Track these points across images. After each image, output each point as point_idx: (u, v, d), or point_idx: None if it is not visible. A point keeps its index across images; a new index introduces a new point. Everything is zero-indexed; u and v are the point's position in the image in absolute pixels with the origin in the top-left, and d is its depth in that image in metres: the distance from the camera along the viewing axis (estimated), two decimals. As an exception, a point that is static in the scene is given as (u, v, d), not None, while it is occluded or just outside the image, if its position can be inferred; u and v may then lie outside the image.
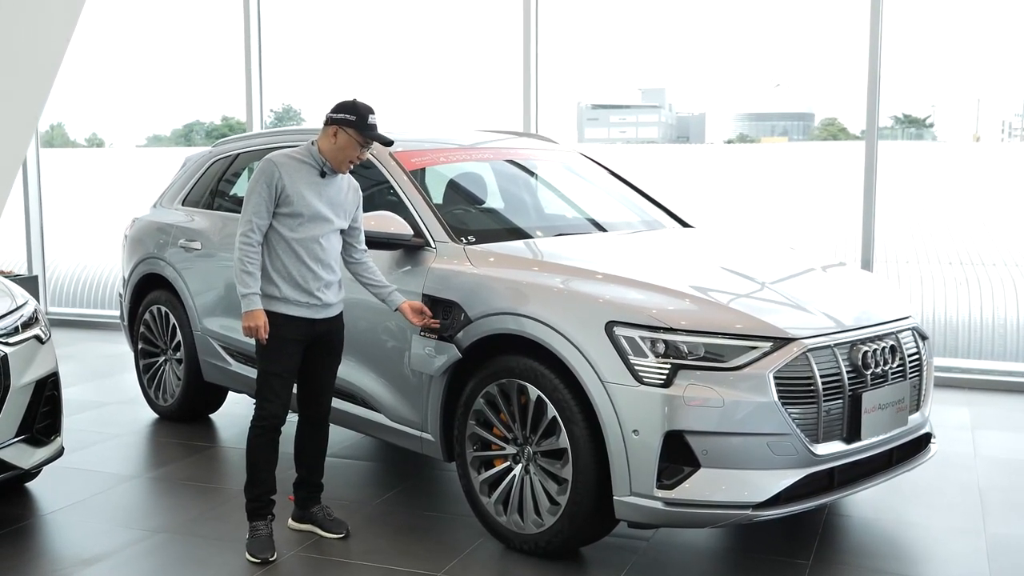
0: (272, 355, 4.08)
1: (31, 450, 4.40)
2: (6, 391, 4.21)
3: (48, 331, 4.64)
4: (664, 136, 13.25)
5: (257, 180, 4.04)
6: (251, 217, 4.02)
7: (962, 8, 9.25)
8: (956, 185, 11.94)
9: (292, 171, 4.04)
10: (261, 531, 4.16)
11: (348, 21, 10.83)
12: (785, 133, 12.88)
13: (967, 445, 5.60)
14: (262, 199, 4.01)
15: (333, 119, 4.07)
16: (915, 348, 4.25)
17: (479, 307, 4.16)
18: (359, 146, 4.06)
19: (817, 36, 9.88)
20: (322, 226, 4.08)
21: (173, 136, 12.52)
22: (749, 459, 3.68)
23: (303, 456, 4.38)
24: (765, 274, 4.38)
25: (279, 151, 4.15)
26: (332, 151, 4.08)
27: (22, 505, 4.74)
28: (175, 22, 11.36)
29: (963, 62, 9.73)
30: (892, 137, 10.75)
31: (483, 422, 4.18)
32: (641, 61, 11.21)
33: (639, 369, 3.69)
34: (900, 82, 9.69)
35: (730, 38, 10.77)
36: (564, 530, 3.91)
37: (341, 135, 4.05)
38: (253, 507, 4.19)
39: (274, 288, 4.06)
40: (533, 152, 5.76)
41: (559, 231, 5.02)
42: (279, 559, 4.08)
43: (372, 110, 4.08)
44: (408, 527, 4.43)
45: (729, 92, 11.99)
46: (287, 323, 4.07)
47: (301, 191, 4.02)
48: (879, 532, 4.39)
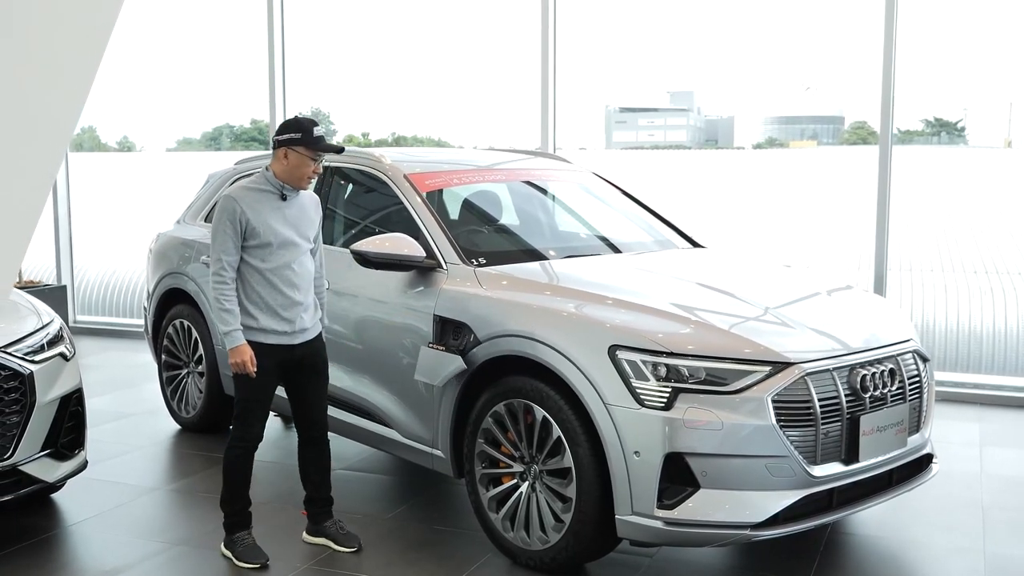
0: (253, 384, 4.19)
1: (56, 464, 4.56)
2: (32, 407, 4.38)
3: (73, 348, 4.80)
4: (692, 139, 13.25)
5: (220, 218, 4.11)
6: (220, 256, 4.10)
7: (995, 10, 9.20)
8: (986, 191, 11.87)
9: (253, 202, 4.13)
10: (247, 540, 4.32)
11: (372, 24, 10.96)
12: (815, 137, 12.84)
13: (974, 463, 5.66)
14: (228, 236, 4.10)
15: (280, 141, 4.16)
16: (916, 370, 4.33)
17: (487, 329, 4.28)
18: (311, 160, 4.15)
19: (847, 38, 9.82)
20: (292, 251, 4.19)
21: (203, 139, 12.67)
22: (748, 480, 3.77)
23: (309, 474, 4.52)
24: (769, 298, 4.47)
25: (237, 184, 4.26)
26: (287, 172, 4.16)
27: (47, 516, 4.90)
28: (204, 25, 11.50)
29: (995, 65, 9.64)
30: (924, 142, 10.70)
31: (491, 440, 4.30)
32: (669, 63, 11.22)
33: (641, 392, 3.80)
34: (931, 85, 9.68)
35: (759, 40, 10.74)
36: (569, 547, 4.02)
37: (292, 155, 4.14)
38: (234, 520, 4.34)
39: (252, 319, 4.16)
40: (547, 172, 5.88)
41: (570, 252, 5.12)
42: (295, 572, 4.21)
43: (315, 123, 4.18)
44: (419, 541, 4.55)
45: (758, 95, 11.97)
46: (268, 352, 4.19)
47: (266, 220, 4.12)
48: (879, 550, 4.47)
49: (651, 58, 11.01)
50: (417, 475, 5.45)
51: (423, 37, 10.95)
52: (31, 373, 4.39)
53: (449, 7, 10.82)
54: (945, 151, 11.04)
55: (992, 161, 11.66)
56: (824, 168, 12.49)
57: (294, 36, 9.11)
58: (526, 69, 8.26)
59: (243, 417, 4.26)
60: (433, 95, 11.16)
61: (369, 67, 11.22)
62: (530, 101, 8.19)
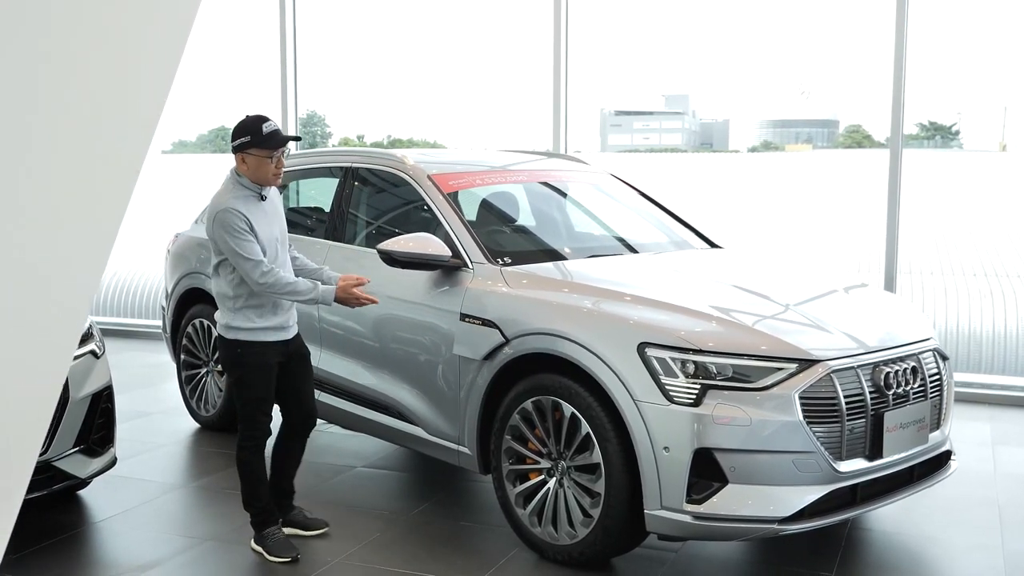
0: (257, 383, 4.30)
1: (87, 460, 4.62)
2: (65, 404, 4.43)
3: (103, 345, 4.86)
4: (688, 142, 13.31)
5: (232, 231, 4.11)
6: (249, 257, 4.11)
7: (989, 15, 9.27)
8: (982, 194, 11.93)
9: (246, 210, 4.15)
10: (278, 535, 4.40)
11: (366, 27, 11.02)
12: (810, 140, 12.90)
13: (988, 462, 5.73)
14: (250, 241, 4.12)
15: (235, 148, 4.20)
16: (936, 369, 4.40)
17: (515, 327, 4.34)
18: (269, 159, 4.17)
19: (842, 42, 9.89)
20: (280, 250, 4.31)
21: (199, 141, 12.71)
22: (775, 475, 3.84)
23: (286, 466, 4.59)
24: (790, 296, 4.54)
25: (222, 199, 4.21)
26: (253, 174, 4.20)
27: (75, 513, 4.95)
28: (202, 26, 11.54)
29: (990, 69, 9.71)
30: (917, 145, 10.77)
31: (519, 437, 4.36)
32: (665, 67, 11.28)
33: (670, 389, 3.86)
34: (926, 89, 9.72)
35: (754, 44, 10.80)
36: (597, 541, 4.08)
37: (249, 158, 4.18)
38: (262, 518, 4.41)
39: (251, 322, 4.24)
40: (565, 173, 5.94)
41: (591, 252, 5.19)
42: (326, 567, 4.26)
43: (264, 118, 4.19)
44: (445, 536, 4.61)
45: (753, 98, 12.05)
46: (268, 350, 4.29)
47: (258, 229, 4.17)
48: (899, 546, 4.54)
49: (646, 62, 11.08)
50: (438, 472, 5.51)
51: (417, 40, 11.01)
52: (64, 370, 4.44)
53: (444, 10, 10.88)
54: (940, 155, 11.11)
55: (987, 165, 11.73)
56: (819, 172, 12.57)
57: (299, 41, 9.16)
58: (524, 72, 8.34)
59: (249, 417, 4.35)
60: (428, 98, 11.23)
61: (364, 70, 11.28)
62: (526, 103, 8.27)
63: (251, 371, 4.29)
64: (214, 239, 4.20)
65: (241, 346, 4.27)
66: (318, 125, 11.49)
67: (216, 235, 4.17)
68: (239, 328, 4.26)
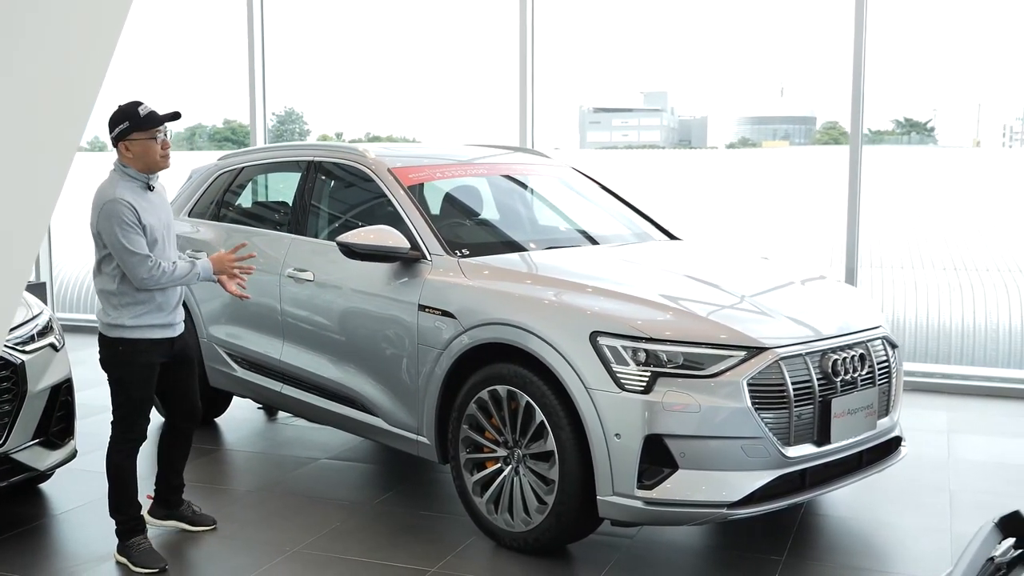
0: (139, 383, 4.22)
1: (47, 453, 4.64)
2: (23, 397, 4.46)
3: (62, 339, 4.88)
4: (666, 140, 13.36)
5: (118, 221, 4.01)
6: (136, 251, 4.02)
7: (964, 12, 9.37)
8: (956, 190, 12.06)
9: (135, 200, 4.06)
10: (143, 545, 4.29)
11: (348, 23, 11.04)
12: (787, 137, 12.98)
13: (942, 449, 5.83)
14: (136, 234, 4.03)
15: (115, 138, 4.10)
16: (885, 356, 4.48)
17: (471, 317, 4.40)
18: (153, 140, 4.08)
19: (819, 39, 9.96)
20: (168, 245, 4.22)
21: (176, 140, 12.72)
22: (724, 461, 3.91)
23: (174, 460, 4.60)
24: (744, 287, 4.61)
25: (108, 189, 4.12)
26: (139, 161, 4.10)
27: (35, 505, 4.97)
28: (177, 25, 11.54)
29: (964, 66, 9.78)
30: (894, 141, 10.87)
31: (475, 426, 4.41)
32: (643, 64, 11.32)
33: (621, 376, 3.93)
34: (902, 86, 9.82)
35: (732, 41, 10.86)
36: (551, 528, 4.15)
37: (134, 144, 4.08)
38: (128, 527, 4.31)
39: (136, 318, 4.15)
40: (527, 167, 6.00)
41: (551, 244, 5.25)
42: (283, 556, 4.30)
43: (139, 103, 4.10)
44: (405, 526, 4.66)
45: (731, 96, 12.12)
46: (153, 348, 4.21)
47: (147, 220, 4.08)
48: (850, 531, 4.62)
49: (625, 59, 11.13)
50: (402, 464, 5.56)
51: (396, 37, 11.04)
52: (22, 363, 4.47)
53: (423, 7, 10.91)
54: (915, 151, 11.22)
55: (961, 161, 11.87)
56: (796, 168, 12.67)
57: (268, 35, 9.16)
58: (501, 69, 8.36)
59: (127, 418, 4.26)
60: (407, 95, 11.26)
61: (342, 67, 11.30)
62: (505, 100, 8.29)
63: (133, 370, 4.19)
64: (100, 231, 4.08)
65: (124, 344, 4.16)
66: (296, 122, 11.51)
67: (103, 227, 4.06)
68: (122, 326, 4.14)
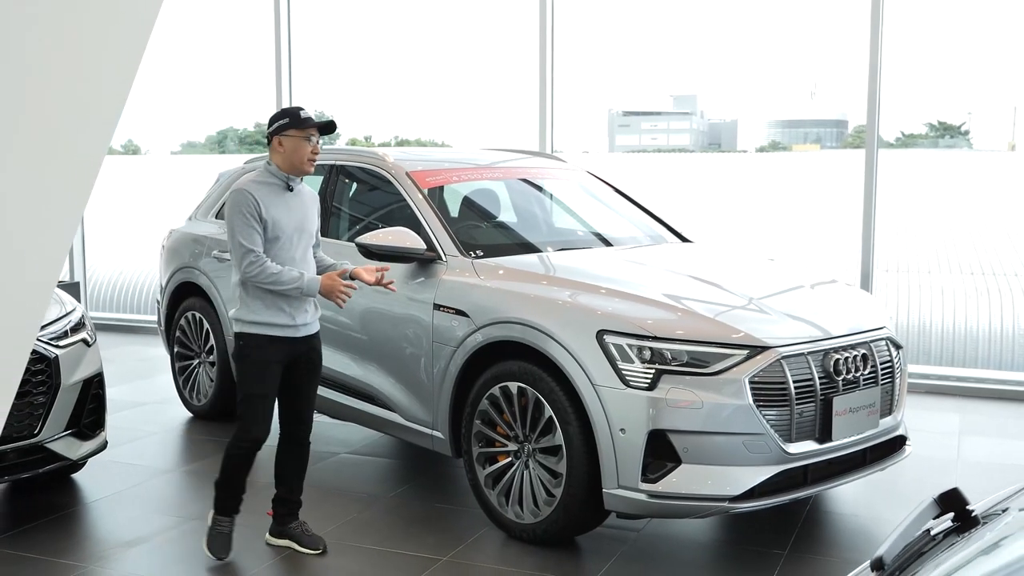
0: (256, 377, 4.19)
1: (78, 443, 4.84)
2: (57, 389, 4.66)
3: (94, 335, 5.08)
4: (696, 143, 13.37)
5: (237, 211, 4.08)
6: (246, 245, 4.06)
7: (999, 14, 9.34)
8: (989, 194, 11.99)
9: (264, 195, 4.13)
10: (223, 528, 4.32)
11: (375, 27, 11.20)
12: (818, 140, 12.93)
13: (951, 450, 5.92)
14: (251, 226, 4.07)
15: (271, 132, 4.19)
16: (888, 356, 4.59)
17: (484, 316, 4.56)
18: (306, 141, 4.16)
19: (850, 42, 9.95)
20: (298, 245, 4.21)
21: (207, 143, 12.92)
22: (726, 456, 4.05)
23: (284, 476, 4.47)
24: (749, 288, 4.74)
25: (244, 178, 4.24)
26: (287, 159, 4.18)
27: (69, 494, 5.18)
28: (207, 30, 11.73)
29: (1000, 69, 9.66)
30: (928, 145, 10.84)
31: (488, 421, 4.57)
32: (673, 67, 11.31)
33: (626, 373, 4.07)
34: (935, 89, 9.82)
35: (762, 44, 10.82)
36: (559, 520, 4.29)
37: (286, 141, 4.16)
38: (224, 504, 4.32)
39: (255, 313, 4.16)
40: (543, 171, 6.15)
41: (564, 246, 5.39)
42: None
43: (300, 108, 4.21)
44: (419, 517, 4.82)
45: (761, 99, 12.09)
46: (270, 344, 4.18)
47: (274, 215, 4.12)
48: (852, 527, 4.74)
49: (654, 62, 11.14)
50: (418, 458, 5.72)
51: (426, 42, 11.20)
52: (56, 357, 4.67)
53: (452, 12, 11.07)
54: (948, 154, 11.17)
55: (995, 164, 11.81)
56: (825, 171, 12.64)
57: (297, 40, 9.34)
58: (528, 73, 8.49)
59: (248, 415, 4.22)
60: (436, 99, 11.41)
61: (372, 71, 11.47)
62: (532, 105, 8.41)
63: (248, 365, 4.20)
64: (226, 219, 4.15)
65: (243, 338, 4.20)
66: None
67: (227, 213, 4.13)
68: (242, 320, 4.19)
